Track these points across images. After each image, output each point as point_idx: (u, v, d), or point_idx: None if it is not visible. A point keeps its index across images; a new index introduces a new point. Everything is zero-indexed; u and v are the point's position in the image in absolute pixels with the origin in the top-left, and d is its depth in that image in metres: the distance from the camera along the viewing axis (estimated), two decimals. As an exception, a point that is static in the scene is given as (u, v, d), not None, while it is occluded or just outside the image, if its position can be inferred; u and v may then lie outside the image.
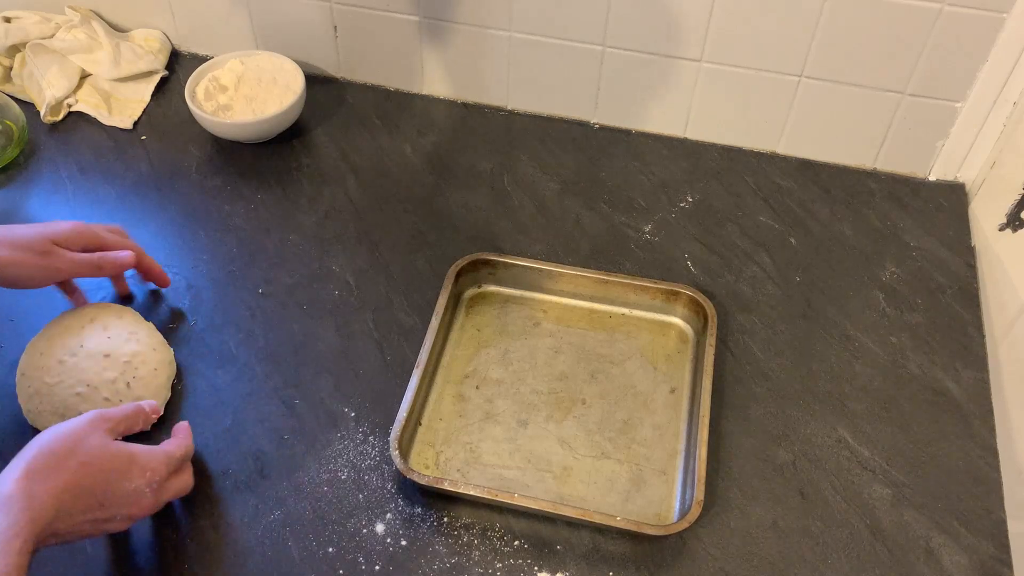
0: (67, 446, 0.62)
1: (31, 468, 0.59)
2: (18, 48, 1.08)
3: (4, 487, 0.58)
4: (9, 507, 0.57)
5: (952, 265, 0.94)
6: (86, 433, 0.64)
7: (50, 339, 0.77)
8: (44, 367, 0.75)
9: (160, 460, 0.68)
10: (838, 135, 1.02)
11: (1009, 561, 0.73)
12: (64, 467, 0.61)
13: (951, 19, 0.89)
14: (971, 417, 0.82)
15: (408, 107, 1.11)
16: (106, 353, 0.75)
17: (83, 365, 0.75)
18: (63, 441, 0.62)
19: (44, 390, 0.75)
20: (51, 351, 0.76)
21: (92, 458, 0.63)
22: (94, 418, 0.66)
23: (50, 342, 0.77)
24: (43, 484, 0.59)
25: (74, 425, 0.64)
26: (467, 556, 0.73)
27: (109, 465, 0.64)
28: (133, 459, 0.66)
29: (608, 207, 0.99)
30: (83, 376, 0.75)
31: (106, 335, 0.77)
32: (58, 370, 0.75)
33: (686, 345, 0.87)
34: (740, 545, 0.74)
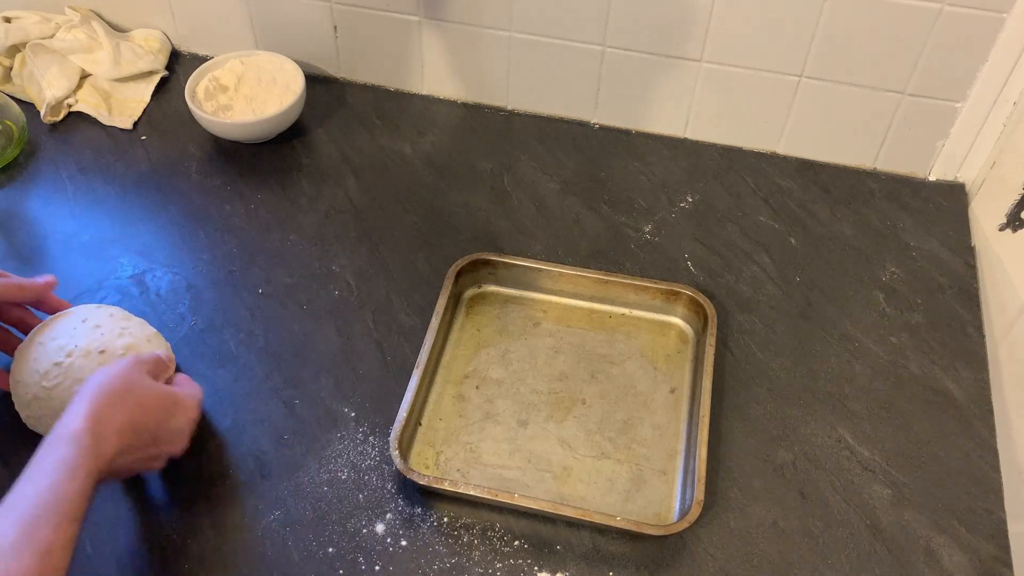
0: (124, 386, 0.66)
1: (96, 407, 0.63)
2: (18, 48, 1.08)
3: (73, 424, 0.61)
4: (78, 441, 0.60)
5: (952, 265, 0.94)
6: (136, 374, 0.68)
7: (42, 344, 0.76)
8: (40, 372, 0.75)
9: (195, 400, 0.73)
10: (838, 135, 1.02)
11: (1009, 561, 0.73)
12: (124, 406, 0.65)
13: (951, 19, 0.89)
14: (971, 417, 0.82)
15: (408, 107, 1.11)
16: (101, 350, 0.75)
17: (79, 364, 0.74)
18: (120, 381, 0.66)
19: (43, 395, 0.74)
20: (45, 355, 0.75)
21: (145, 397, 0.67)
22: (133, 361, 0.69)
23: (42, 347, 0.76)
24: (108, 422, 0.63)
25: (123, 368, 0.67)
26: (467, 556, 0.73)
27: (159, 404, 0.68)
28: (175, 399, 0.70)
29: (608, 207, 0.99)
30: (81, 375, 0.75)
31: (98, 333, 0.76)
32: (55, 373, 0.74)
33: (686, 345, 0.87)
34: (740, 545, 0.74)
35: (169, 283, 0.91)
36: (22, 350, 0.78)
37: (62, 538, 0.57)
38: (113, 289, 0.90)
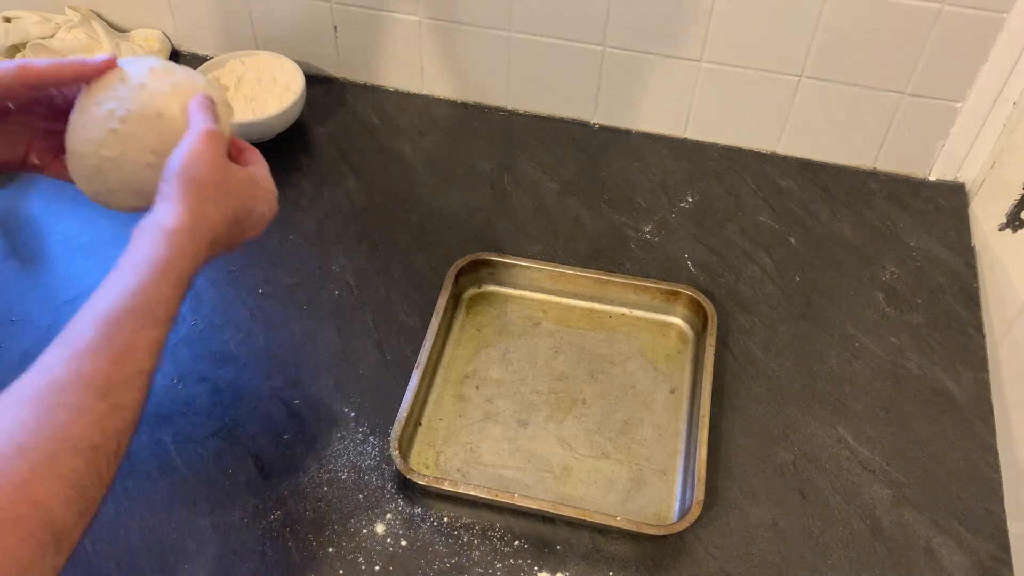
0: (216, 178, 0.60)
1: (193, 203, 0.58)
2: (18, 48, 1.08)
3: (168, 221, 0.57)
4: (171, 241, 0.56)
5: (952, 265, 0.94)
6: (222, 158, 0.62)
7: (86, 110, 0.65)
8: (95, 140, 0.64)
9: (270, 181, 0.68)
10: (838, 135, 1.02)
11: (1009, 561, 0.73)
12: (217, 200, 0.60)
13: (951, 19, 0.89)
14: (971, 417, 0.82)
15: (408, 107, 1.11)
16: (159, 113, 0.65)
17: (139, 132, 0.64)
18: (212, 171, 0.60)
19: (106, 166, 0.65)
20: (95, 123, 0.64)
21: (235, 188, 0.62)
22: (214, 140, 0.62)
23: (89, 113, 0.65)
24: (205, 219, 0.59)
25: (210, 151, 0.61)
26: (467, 556, 0.73)
27: (246, 192, 0.64)
28: (255, 182, 0.66)
29: (608, 207, 0.99)
30: (144, 143, 0.65)
31: (146, 93, 0.65)
32: (112, 141, 0.64)
33: (686, 345, 0.87)
34: (740, 545, 0.74)
35: (169, 283, 0.91)
36: (70, 122, 0.66)
37: (145, 340, 0.53)
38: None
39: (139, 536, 0.73)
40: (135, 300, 0.53)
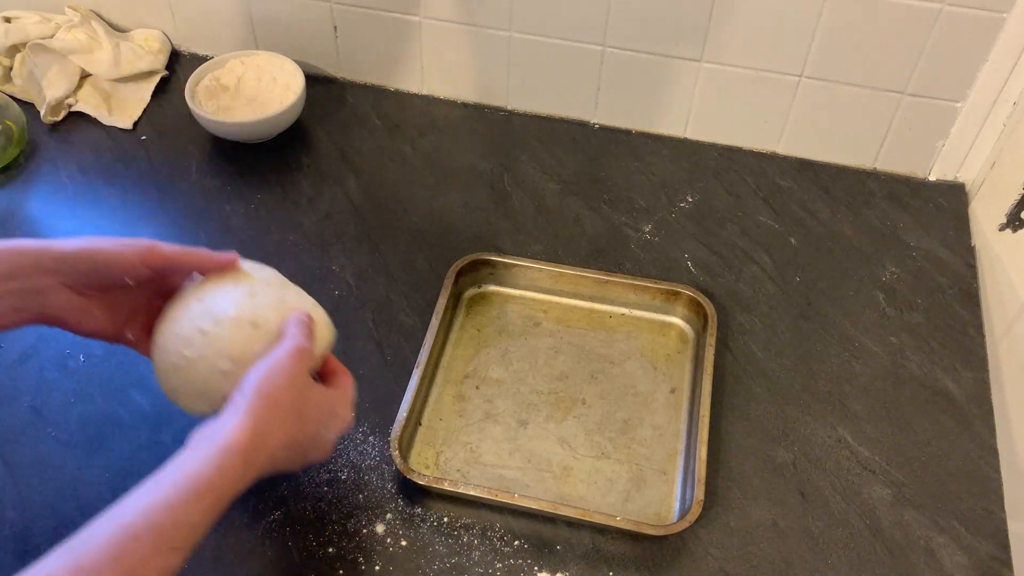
0: (290, 397, 0.58)
1: (258, 421, 0.55)
2: (18, 48, 1.08)
3: (226, 436, 0.54)
4: (222, 460, 0.53)
5: (952, 265, 0.94)
6: (302, 377, 0.60)
7: (187, 305, 0.64)
8: (182, 337, 0.63)
9: (350, 404, 0.66)
10: (838, 135, 1.02)
11: (1009, 561, 0.73)
12: (286, 421, 0.57)
13: (951, 19, 0.89)
14: (971, 417, 0.82)
15: (408, 107, 1.11)
16: (254, 323, 0.62)
17: (228, 335, 0.62)
18: (288, 390, 0.58)
19: (183, 365, 0.63)
20: (189, 319, 0.63)
21: (310, 411, 0.60)
22: (298, 355, 0.60)
23: (188, 309, 0.64)
24: (265, 441, 0.55)
25: (290, 367, 0.58)
26: (467, 556, 0.73)
27: (320, 417, 0.62)
28: (333, 409, 0.64)
29: (608, 207, 0.99)
30: (228, 349, 0.62)
31: (253, 302, 0.63)
32: (199, 342, 0.62)
33: (686, 345, 0.87)
34: (740, 545, 0.74)
35: (169, 283, 0.91)
36: (166, 310, 0.66)
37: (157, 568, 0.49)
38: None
39: (139, 536, 0.73)
40: (160, 517, 0.50)
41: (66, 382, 0.83)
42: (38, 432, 0.79)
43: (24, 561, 0.71)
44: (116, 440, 0.79)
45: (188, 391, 0.65)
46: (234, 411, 0.56)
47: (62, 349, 0.85)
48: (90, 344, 0.85)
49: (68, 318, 0.64)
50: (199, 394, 0.64)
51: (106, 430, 0.79)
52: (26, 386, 0.82)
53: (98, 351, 0.85)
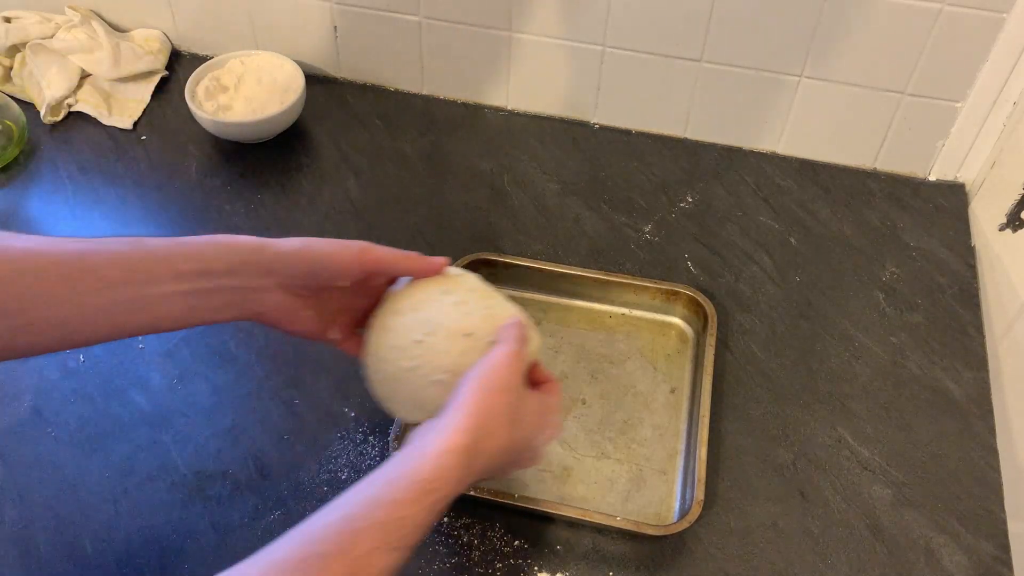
0: (508, 402, 0.58)
1: (478, 422, 0.55)
2: (18, 48, 1.08)
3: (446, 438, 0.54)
4: (442, 461, 0.53)
5: (952, 265, 0.94)
6: (519, 381, 0.60)
7: (400, 314, 0.65)
8: (398, 348, 0.64)
9: (559, 415, 0.65)
10: (838, 135, 1.02)
11: (1009, 561, 0.73)
12: (504, 426, 0.57)
13: (951, 19, 0.89)
14: (971, 417, 0.82)
15: (408, 107, 1.11)
16: (467, 332, 0.63)
17: (441, 346, 0.63)
18: (505, 395, 0.58)
19: (401, 376, 0.65)
20: (404, 329, 0.64)
21: (524, 417, 0.60)
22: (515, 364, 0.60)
23: (401, 319, 0.65)
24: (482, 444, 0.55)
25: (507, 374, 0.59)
26: (467, 556, 0.73)
27: (534, 423, 0.61)
28: (545, 416, 0.63)
29: (608, 207, 0.99)
30: (442, 359, 0.63)
31: (462, 311, 0.64)
32: (415, 352, 0.64)
33: (686, 345, 0.87)
34: (740, 545, 0.74)
35: (169, 283, 0.91)
36: (378, 319, 0.67)
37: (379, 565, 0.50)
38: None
39: (139, 536, 0.73)
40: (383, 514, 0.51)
41: (66, 382, 0.83)
42: (38, 432, 0.79)
43: (24, 561, 0.71)
44: (116, 440, 0.79)
45: (404, 400, 0.66)
46: (455, 412, 0.56)
47: (62, 349, 0.85)
48: (90, 344, 0.85)
49: (280, 318, 0.65)
50: (416, 404, 0.66)
51: (106, 430, 0.80)
52: (26, 386, 0.82)
53: (98, 351, 0.85)
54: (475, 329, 0.64)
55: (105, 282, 0.58)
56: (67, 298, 0.57)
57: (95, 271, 0.57)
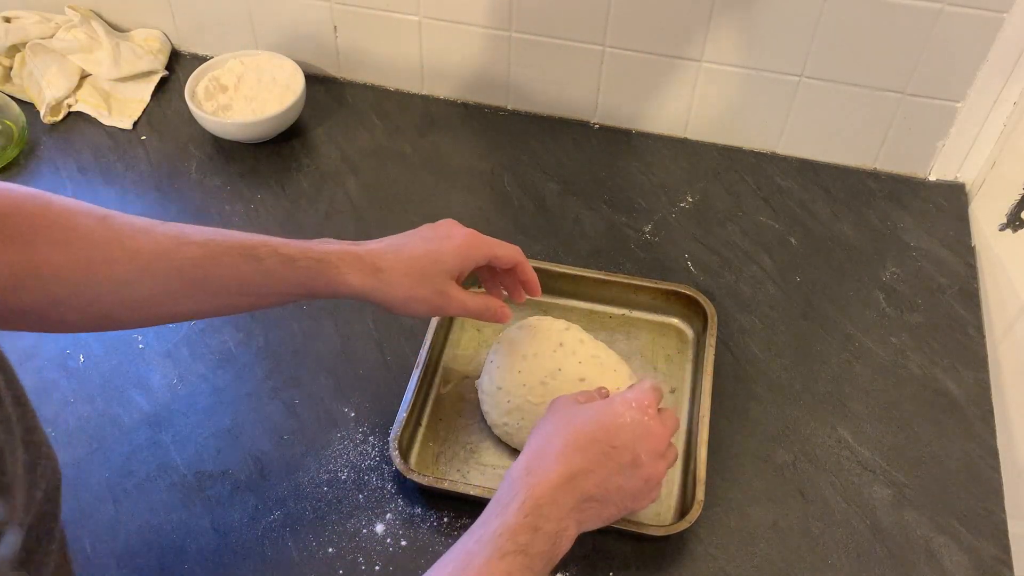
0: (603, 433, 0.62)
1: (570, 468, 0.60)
2: (18, 48, 1.08)
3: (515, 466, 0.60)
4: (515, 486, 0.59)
5: (952, 265, 0.94)
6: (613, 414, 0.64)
7: (526, 357, 0.77)
8: (527, 386, 0.76)
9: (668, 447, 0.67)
10: (838, 135, 1.02)
11: (1009, 561, 0.73)
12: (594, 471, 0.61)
13: (951, 19, 0.89)
14: (971, 417, 0.82)
15: (408, 107, 1.11)
16: (581, 378, 0.76)
17: (563, 389, 0.75)
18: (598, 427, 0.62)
19: (527, 408, 0.76)
20: (531, 371, 0.77)
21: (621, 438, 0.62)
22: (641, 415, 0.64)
23: (527, 361, 0.77)
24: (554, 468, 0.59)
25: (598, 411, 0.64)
26: (467, 556, 0.73)
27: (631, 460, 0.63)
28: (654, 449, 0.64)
29: (608, 207, 0.99)
30: None
31: (576, 360, 0.77)
32: (540, 391, 0.76)
33: (686, 345, 0.87)
34: (740, 545, 0.74)
35: (169, 283, 0.91)
36: (505, 358, 0.78)
37: None
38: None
39: (139, 536, 0.73)
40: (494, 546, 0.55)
41: (66, 382, 0.83)
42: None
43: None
44: (116, 440, 0.79)
45: (524, 430, 0.76)
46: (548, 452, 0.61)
47: (62, 349, 0.85)
48: (90, 344, 0.85)
49: None
50: None
51: (106, 430, 0.80)
52: (26, 386, 0.82)
53: (98, 351, 0.85)
54: (587, 375, 0.76)
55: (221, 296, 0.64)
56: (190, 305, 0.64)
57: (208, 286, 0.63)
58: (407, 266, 0.67)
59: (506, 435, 0.78)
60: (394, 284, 0.66)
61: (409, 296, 0.67)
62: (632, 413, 0.64)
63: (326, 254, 0.65)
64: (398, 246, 0.68)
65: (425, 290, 0.68)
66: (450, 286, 0.69)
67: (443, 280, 0.68)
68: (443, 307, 0.69)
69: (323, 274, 0.64)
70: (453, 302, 0.69)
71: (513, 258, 0.74)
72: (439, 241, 0.70)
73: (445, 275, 0.69)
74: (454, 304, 0.70)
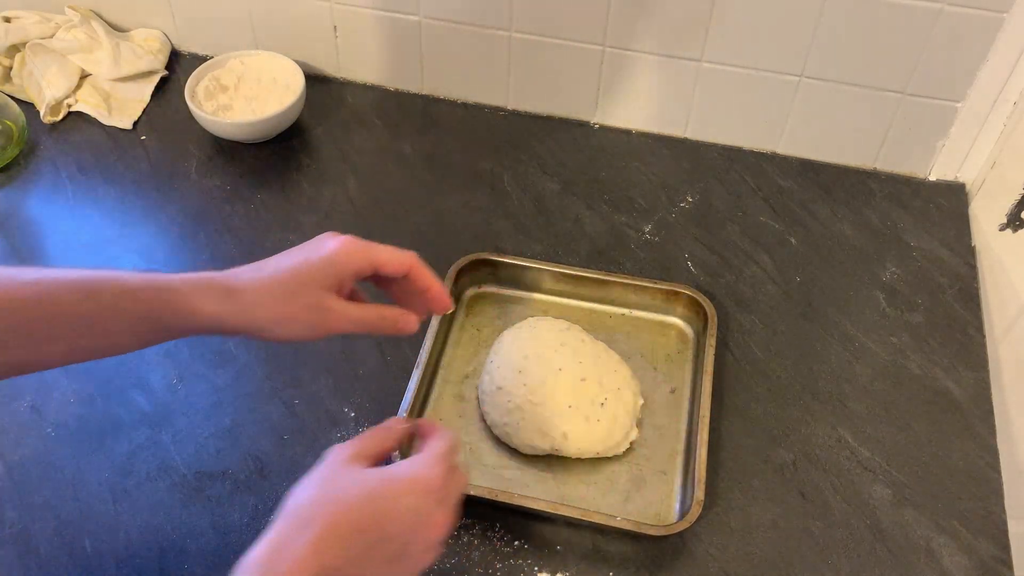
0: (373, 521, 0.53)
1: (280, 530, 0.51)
2: (18, 48, 1.08)
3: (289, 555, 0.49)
4: None
5: (952, 265, 0.94)
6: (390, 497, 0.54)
7: (527, 358, 0.78)
8: (527, 386, 0.77)
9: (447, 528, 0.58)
10: (838, 135, 1.02)
11: (1009, 561, 0.73)
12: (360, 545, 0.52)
13: (951, 19, 0.89)
14: (971, 417, 0.82)
15: (408, 107, 1.11)
16: (581, 378, 0.77)
17: (563, 389, 0.76)
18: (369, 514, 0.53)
19: (527, 408, 0.76)
20: (532, 371, 0.77)
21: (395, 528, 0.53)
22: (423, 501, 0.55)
23: (529, 362, 0.78)
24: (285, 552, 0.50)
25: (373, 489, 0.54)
26: (467, 556, 0.73)
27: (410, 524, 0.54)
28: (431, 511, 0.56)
29: (608, 207, 0.99)
30: (564, 398, 0.77)
31: (577, 360, 0.78)
32: (541, 391, 0.76)
33: (686, 345, 0.87)
34: (740, 545, 0.74)
35: (169, 283, 0.91)
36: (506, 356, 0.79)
37: None
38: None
39: (139, 536, 0.73)
40: None
41: (66, 382, 0.83)
42: (38, 432, 0.79)
43: (24, 561, 0.71)
44: (116, 440, 0.79)
45: (523, 432, 0.77)
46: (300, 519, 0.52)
47: (62, 349, 0.85)
48: (90, 344, 0.85)
49: None
50: (540, 432, 0.76)
51: (106, 430, 0.80)
52: (26, 386, 0.82)
53: (98, 351, 0.85)
54: (587, 375, 0.78)
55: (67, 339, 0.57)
56: None
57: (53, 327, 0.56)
58: (269, 284, 0.60)
59: (506, 435, 0.78)
60: (255, 305, 0.60)
61: (276, 317, 0.60)
62: (413, 499, 0.55)
63: (172, 281, 0.59)
64: (260, 265, 0.62)
65: (294, 307, 0.60)
66: (327, 299, 0.61)
67: (316, 294, 0.60)
68: (323, 324, 0.61)
69: (169, 304, 0.58)
70: (334, 315, 0.61)
71: (402, 263, 0.64)
72: (307, 252, 0.62)
73: (317, 288, 0.60)
74: (336, 318, 0.61)
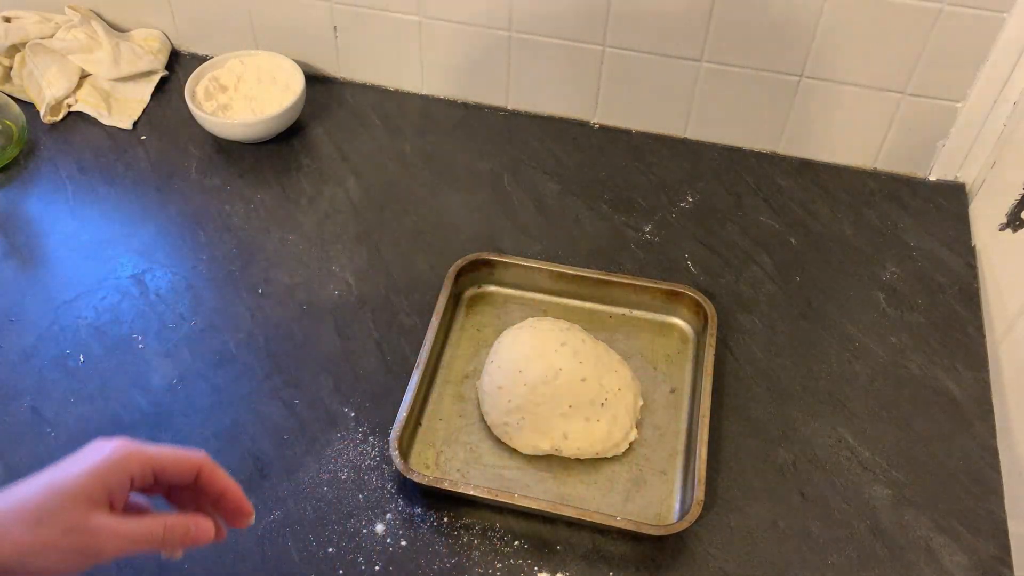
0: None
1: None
2: (18, 48, 1.08)
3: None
4: None
5: (952, 265, 0.94)
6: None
7: (528, 358, 0.78)
8: (528, 385, 0.77)
9: None
10: (838, 135, 1.02)
11: (1009, 561, 0.73)
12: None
13: (951, 19, 0.89)
14: (971, 417, 0.82)
15: (408, 107, 1.11)
16: (582, 378, 0.77)
17: (564, 388, 0.77)
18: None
19: (528, 408, 0.77)
20: (532, 371, 0.77)
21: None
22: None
23: (530, 362, 0.78)
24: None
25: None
26: (467, 556, 0.73)
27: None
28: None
29: (608, 207, 0.99)
30: (565, 400, 0.77)
31: (577, 360, 0.78)
32: (541, 391, 0.77)
33: (686, 345, 0.87)
34: (740, 545, 0.74)
35: (169, 283, 0.91)
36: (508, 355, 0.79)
37: None
38: (113, 289, 0.90)
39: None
40: None
41: (66, 382, 0.83)
42: (38, 432, 0.79)
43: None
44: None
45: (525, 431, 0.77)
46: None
47: (62, 349, 0.85)
48: (90, 344, 0.85)
49: None
50: (539, 432, 0.77)
51: (106, 430, 0.79)
52: (26, 386, 0.82)
53: (98, 351, 0.85)
54: (588, 375, 0.77)
55: None
56: None
57: None
58: (18, 510, 0.51)
59: (506, 435, 0.78)
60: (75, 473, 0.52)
61: (25, 549, 0.50)
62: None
63: None
64: (12, 487, 0.52)
65: (49, 533, 0.50)
66: (91, 518, 0.51)
67: (76, 514, 0.51)
68: (90, 548, 0.51)
69: None
70: (102, 536, 0.52)
71: (190, 466, 0.56)
72: (68, 466, 0.53)
73: (79, 506, 0.51)
74: (105, 539, 0.52)
